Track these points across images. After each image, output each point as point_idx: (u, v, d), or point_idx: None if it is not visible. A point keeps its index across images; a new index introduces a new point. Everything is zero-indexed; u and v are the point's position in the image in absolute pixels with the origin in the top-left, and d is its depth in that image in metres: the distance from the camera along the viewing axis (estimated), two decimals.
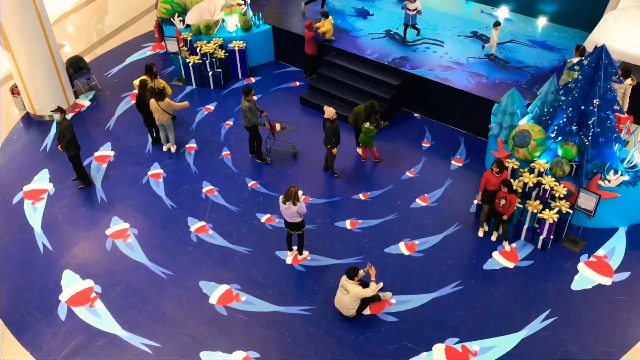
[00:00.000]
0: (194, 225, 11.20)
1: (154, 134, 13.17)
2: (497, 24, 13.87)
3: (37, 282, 10.16)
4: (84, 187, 12.02)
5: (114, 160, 12.83)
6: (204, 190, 12.01)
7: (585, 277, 10.05)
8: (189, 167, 12.61)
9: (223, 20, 15.50)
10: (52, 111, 11.42)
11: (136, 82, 12.86)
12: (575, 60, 11.90)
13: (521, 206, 10.55)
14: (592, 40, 12.89)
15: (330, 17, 14.68)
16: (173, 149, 12.98)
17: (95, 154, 12.96)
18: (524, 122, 11.43)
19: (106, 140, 13.37)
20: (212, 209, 11.56)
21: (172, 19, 15.39)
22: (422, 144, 13.18)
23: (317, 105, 13.85)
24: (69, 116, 13.95)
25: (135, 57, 16.35)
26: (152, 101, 12.22)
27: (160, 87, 12.84)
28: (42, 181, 12.28)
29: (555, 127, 10.68)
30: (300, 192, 9.75)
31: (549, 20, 15.39)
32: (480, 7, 16.19)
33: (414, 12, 14.33)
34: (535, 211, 10.36)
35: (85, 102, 14.64)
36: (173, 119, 12.87)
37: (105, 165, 12.67)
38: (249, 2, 15.75)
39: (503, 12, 15.82)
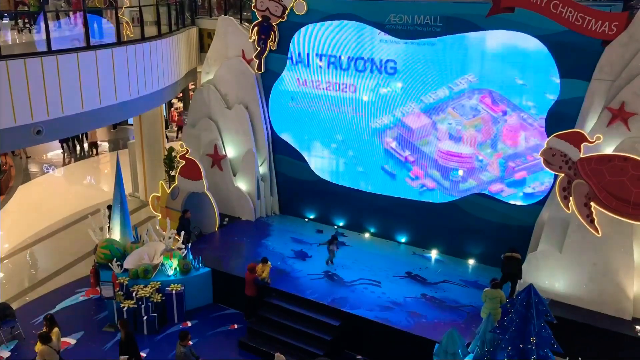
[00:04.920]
0: None
1: None
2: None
3: None
4: None
5: None
6: None
7: None
8: None
9: (162, 264, 15.52)
10: None
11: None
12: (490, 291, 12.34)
13: None
14: (522, 280, 13.61)
15: (269, 263, 14.99)
16: None
17: None
18: None
19: None
20: None
21: (109, 264, 15.28)
22: None
23: (257, 349, 13.38)
24: None
25: (66, 303, 15.71)
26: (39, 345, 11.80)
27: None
28: None
29: None
30: None
31: (476, 261, 16.20)
32: (413, 249, 17.07)
33: None
34: None
35: (5, 353, 13.56)
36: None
37: None
38: (189, 246, 16.04)
39: (433, 254, 16.68)
